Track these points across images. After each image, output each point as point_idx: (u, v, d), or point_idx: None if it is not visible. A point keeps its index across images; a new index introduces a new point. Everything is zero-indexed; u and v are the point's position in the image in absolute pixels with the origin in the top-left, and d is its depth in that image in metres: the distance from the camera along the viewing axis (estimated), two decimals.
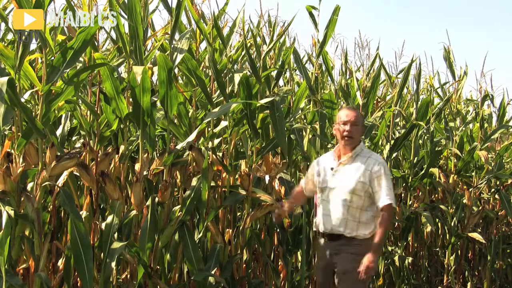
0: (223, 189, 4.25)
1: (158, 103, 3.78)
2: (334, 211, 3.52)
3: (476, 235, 5.98)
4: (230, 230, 4.28)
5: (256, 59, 4.34)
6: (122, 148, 3.80)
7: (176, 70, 3.84)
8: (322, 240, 3.64)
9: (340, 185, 3.52)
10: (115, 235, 3.62)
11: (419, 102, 5.77)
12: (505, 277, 7.12)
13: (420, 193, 6.24)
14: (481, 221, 6.74)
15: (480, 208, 6.23)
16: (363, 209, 3.47)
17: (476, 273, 6.85)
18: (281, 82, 5.57)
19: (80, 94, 3.71)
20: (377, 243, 3.39)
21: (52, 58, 3.33)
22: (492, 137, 6.34)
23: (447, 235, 6.18)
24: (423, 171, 5.86)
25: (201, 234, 4.12)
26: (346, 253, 3.48)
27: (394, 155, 5.84)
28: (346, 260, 3.46)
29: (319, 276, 3.76)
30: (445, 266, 6.22)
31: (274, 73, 4.75)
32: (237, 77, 4.10)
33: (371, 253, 3.36)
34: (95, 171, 3.58)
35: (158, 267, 3.89)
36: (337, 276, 3.53)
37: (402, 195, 5.92)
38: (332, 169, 3.59)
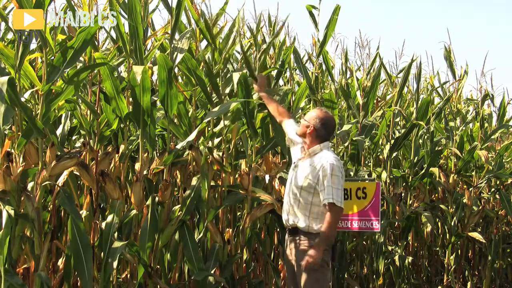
0: (223, 188, 4.25)
1: (158, 103, 3.78)
2: (289, 203, 3.65)
3: (476, 235, 5.98)
4: (230, 230, 4.28)
5: (256, 59, 4.34)
6: (122, 147, 3.81)
7: (176, 70, 3.84)
8: (286, 236, 3.74)
9: (294, 180, 3.64)
10: (115, 234, 3.62)
11: (419, 102, 5.77)
12: (505, 276, 7.13)
13: (420, 193, 6.24)
14: (481, 220, 6.74)
15: (480, 207, 6.23)
16: (313, 204, 3.54)
17: (476, 273, 6.85)
18: (281, 82, 5.57)
19: (80, 93, 3.71)
20: (321, 239, 3.47)
21: (52, 57, 3.33)
22: (492, 136, 6.34)
23: (447, 234, 6.18)
24: (423, 171, 5.86)
25: (201, 234, 4.13)
26: (302, 246, 3.55)
27: (394, 154, 5.84)
28: (302, 253, 3.52)
29: (288, 275, 3.77)
30: (445, 265, 6.22)
31: (274, 73, 4.75)
32: (235, 76, 4.10)
33: (314, 247, 3.46)
34: (95, 171, 3.58)
35: (158, 266, 3.89)
36: (297, 271, 3.58)
37: (402, 194, 5.92)
38: (294, 163, 3.74)
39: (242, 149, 4.50)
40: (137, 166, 3.72)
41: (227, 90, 4.21)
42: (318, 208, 3.53)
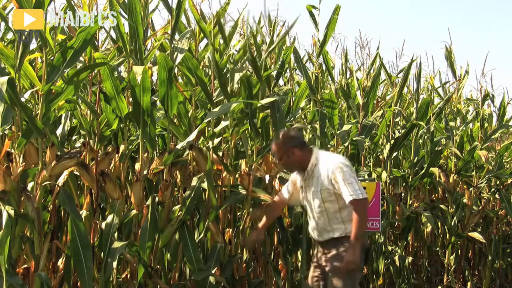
0: (223, 188, 4.25)
1: (158, 103, 3.78)
2: (318, 221, 3.63)
3: (476, 235, 5.98)
4: (230, 230, 4.28)
5: (257, 58, 4.33)
6: (122, 147, 3.80)
7: (176, 70, 3.84)
8: (317, 249, 3.75)
9: (311, 197, 3.63)
10: (115, 234, 3.62)
11: (420, 102, 5.77)
12: (505, 276, 7.13)
13: (420, 193, 6.24)
14: (481, 220, 6.75)
15: (480, 207, 6.24)
16: (341, 207, 3.53)
17: (476, 273, 6.86)
18: (281, 82, 5.57)
19: (80, 93, 3.71)
20: (354, 238, 3.45)
21: (52, 57, 3.32)
22: (492, 136, 6.35)
23: (447, 234, 6.18)
24: (423, 171, 5.86)
25: (201, 234, 4.12)
26: (336, 251, 3.54)
27: (394, 154, 5.84)
28: (336, 257, 3.52)
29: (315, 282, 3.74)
30: (445, 265, 6.22)
31: (274, 73, 4.75)
32: (237, 76, 4.10)
33: (350, 248, 3.44)
34: (95, 171, 3.58)
35: (158, 266, 3.89)
36: (328, 275, 3.58)
37: (402, 194, 5.92)
38: (301, 187, 3.73)
39: (242, 149, 4.50)
40: (137, 166, 3.72)
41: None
42: (348, 209, 3.51)
